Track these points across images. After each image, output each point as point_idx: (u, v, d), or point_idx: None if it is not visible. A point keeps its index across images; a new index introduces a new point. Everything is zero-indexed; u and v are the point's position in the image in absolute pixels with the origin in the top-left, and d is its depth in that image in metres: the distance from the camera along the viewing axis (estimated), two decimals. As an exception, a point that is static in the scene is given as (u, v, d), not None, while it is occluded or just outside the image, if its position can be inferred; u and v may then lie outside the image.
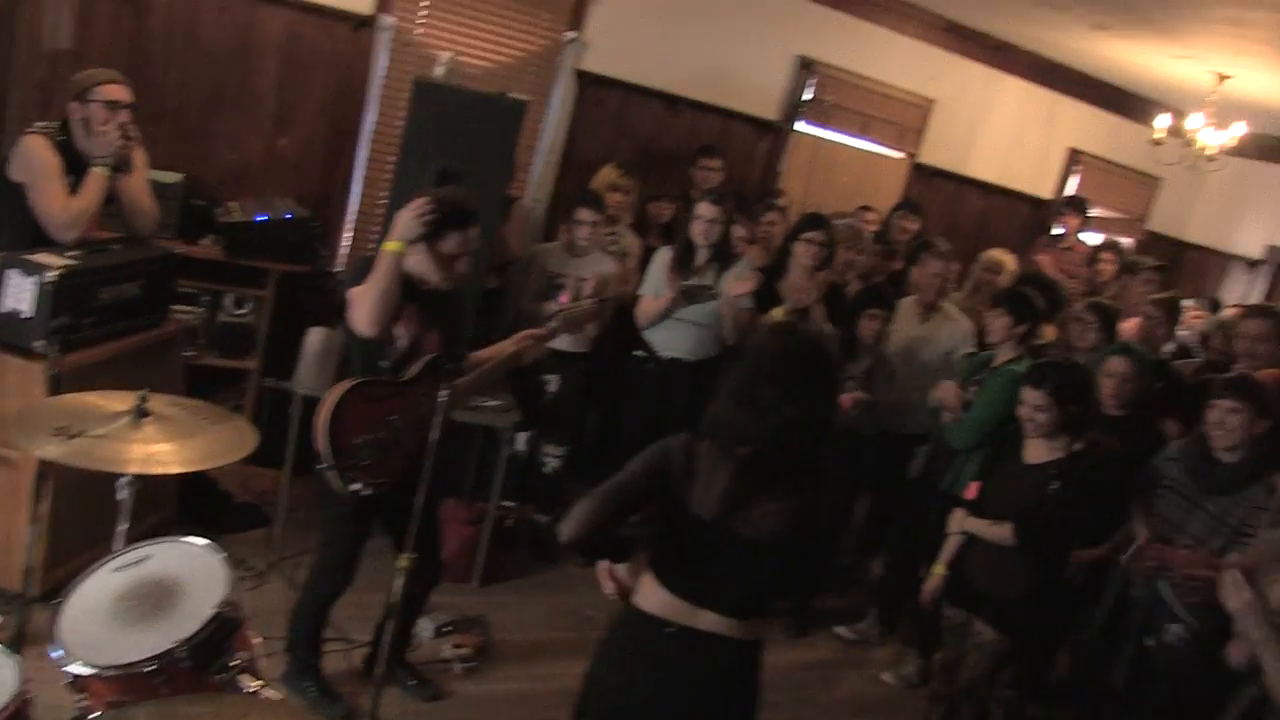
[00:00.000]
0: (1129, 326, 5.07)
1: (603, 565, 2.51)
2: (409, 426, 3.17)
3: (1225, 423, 3.48)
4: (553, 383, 4.93)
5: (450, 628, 4.12)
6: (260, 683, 2.11)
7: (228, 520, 4.46)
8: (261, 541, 4.42)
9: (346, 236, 5.37)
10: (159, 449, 2.29)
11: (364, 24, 5.14)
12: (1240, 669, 2.58)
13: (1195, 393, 4.17)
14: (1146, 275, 6.17)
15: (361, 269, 3.16)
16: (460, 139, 4.40)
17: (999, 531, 3.51)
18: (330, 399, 3.10)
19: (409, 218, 3.10)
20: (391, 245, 3.09)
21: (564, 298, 4.60)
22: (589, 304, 3.75)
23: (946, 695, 3.79)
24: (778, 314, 4.72)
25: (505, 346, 3.46)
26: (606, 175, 5.29)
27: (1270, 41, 4.84)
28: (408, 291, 3.16)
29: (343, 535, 3.38)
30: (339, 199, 5.33)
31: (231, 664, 2.16)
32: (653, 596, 2.41)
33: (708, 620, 2.37)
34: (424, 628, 4.03)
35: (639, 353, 4.88)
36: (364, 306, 3.08)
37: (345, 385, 3.13)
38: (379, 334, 3.11)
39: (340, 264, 5.33)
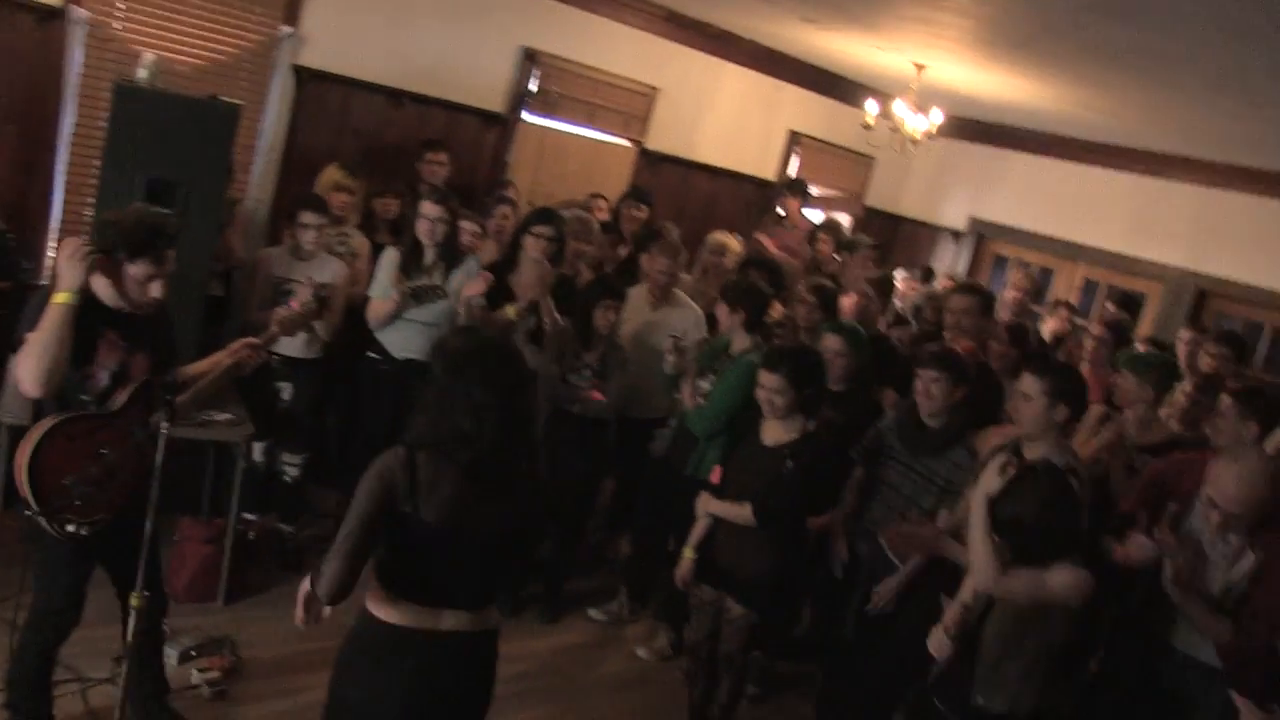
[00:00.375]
0: (848, 303, 5.46)
1: (302, 590, 2.51)
2: (124, 458, 3.03)
3: (929, 391, 3.84)
4: (286, 390, 4.83)
5: (195, 652, 3.99)
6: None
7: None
8: (-29, 584, 4.12)
9: (52, 247, 5.01)
10: None
11: (51, 16, 4.79)
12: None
13: (909, 363, 4.52)
14: (864, 254, 6.64)
15: (39, 309, 2.91)
16: (169, 146, 4.21)
17: (741, 512, 3.69)
18: (27, 443, 2.91)
19: (66, 262, 2.88)
20: (60, 297, 2.84)
21: (294, 303, 4.49)
22: (306, 306, 3.65)
23: (703, 668, 4.00)
24: (510, 311, 4.80)
25: (221, 359, 3.34)
26: (330, 176, 5.19)
27: (957, 38, 5.28)
28: (105, 318, 3.01)
29: (63, 575, 3.18)
30: (39, 208, 4.98)
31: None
32: (389, 608, 2.44)
33: (449, 620, 2.47)
34: (168, 655, 3.87)
35: (372, 354, 4.84)
36: (29, 365, 2.82)
37: (43, 426, 2.93)
38: (49, 394, 2.89)
39: (47, 277, 4.98)
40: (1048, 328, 6.47)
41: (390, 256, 4.77)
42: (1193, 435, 4.12)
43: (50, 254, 5.01)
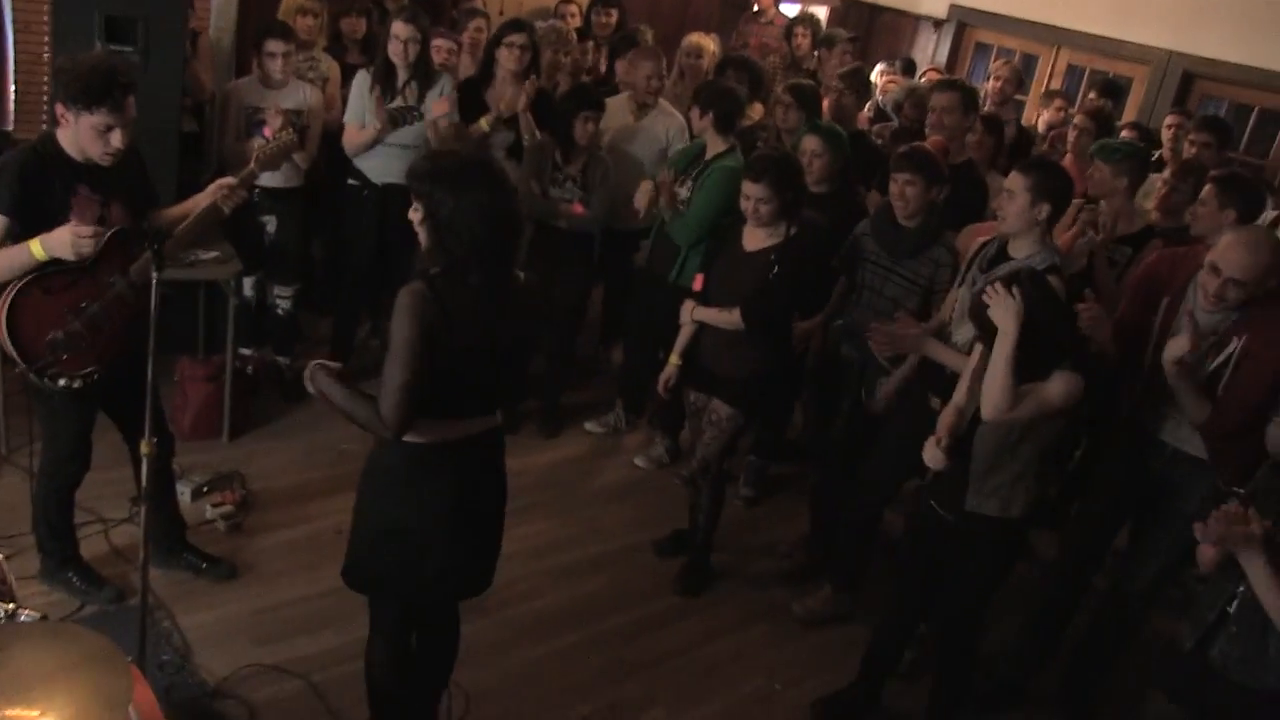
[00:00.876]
0: (826, 102, 5.36)
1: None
2: (107, 308, 3.07)
3: (905, 194, 3.82)
4: (270, 223, 4.80)
5: (206, 488, 4.13)
6: (11, 605, 2.11)
7: (-59, 420, 4.19)
8: (-16, 435, 4.21)
9: (12, 91, 4.86)
10: None
11: None
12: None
13: (888, 163, 4.48)
14: (842, 47, 6.47)
15: (15, 176, 2.90)
16: (123, -21, 4.05)
17: (728, 318, 3.76)
18: (3, 301, 2.93)
19: (72, 240, 2.88)
20: (35, 249, 2.89)
21: (267, 131, 4.42)
22: (285, 137, 3.52)
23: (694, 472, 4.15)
24: (484, 124, 4.73)
25: (199, 200, 3.26)
26: (292, 0, 4.99)
27: None
28: (73, 173, 2.98)
29: (65, 425, 3.27)
30: (-8, 50, 4.79)
31: (-21, 594, 2.15)
32: (418, 428, 2.51)
33: (467, 428, 2.61)
34: (180, 492, 3.99)
35: (353, 181, 4.79)
36: None
37: (16, 285, 2.94)
38: None
39: (10, 121, 4.85)
40: (1043, 119, 6.37)
41: (362, 80, 4.65)
42: (1172, 224, 4.14)
43: (11, 98, 4.86)
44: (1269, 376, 3.06)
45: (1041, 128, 6.19)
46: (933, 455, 3.04)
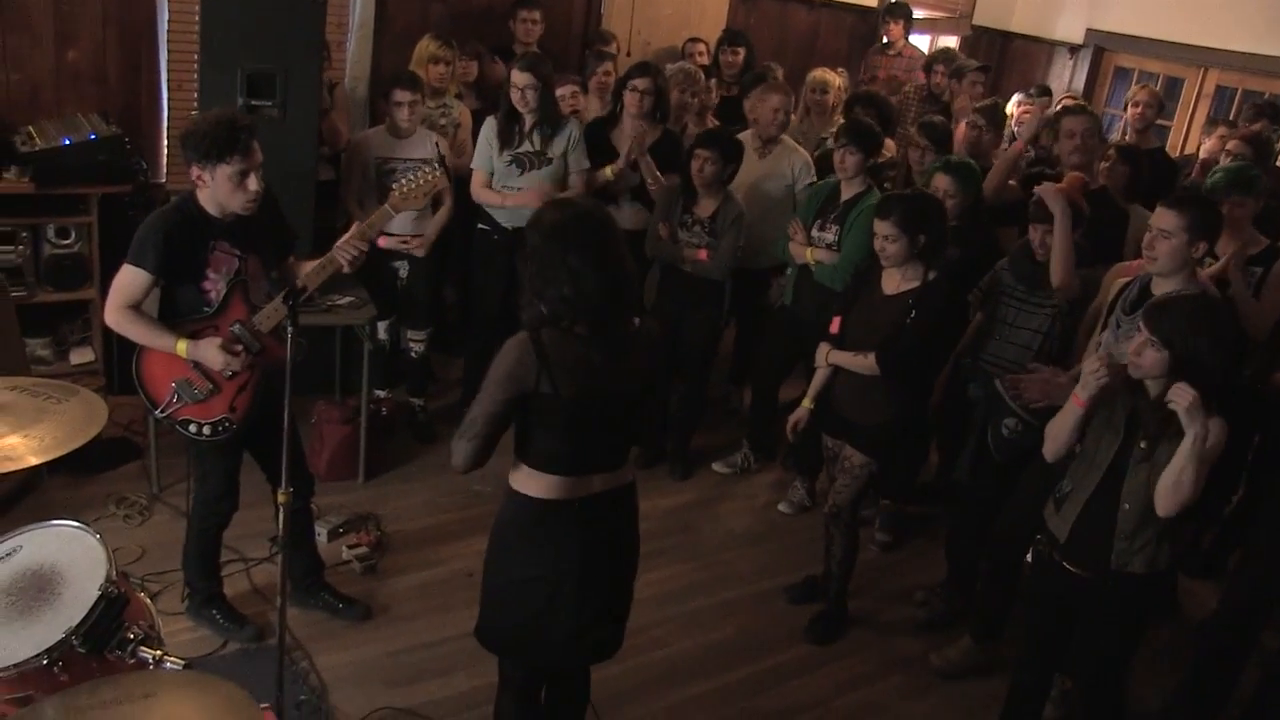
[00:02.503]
0: (959, 135, 5.22)
1: None
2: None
3: (1043, 240, 3.73)
4: (403, 268, 4.90)
5: (342, 529, 4.21)
6: (159, 651, 2.16)
7: (98, 459, 4.38)
8: (138, 474, 4.40)
9: (165, 145, 5.11)
10: (7, 443, 2.24)
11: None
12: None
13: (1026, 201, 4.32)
14: (972, 78, 6.32)
15: (146, 242, 3.05)
16: (262, 36, 4.25)
17: (863, 362, 3.67)
18: (135, 356, 3.15)
19: (220, 357, 3.09)
20: (181, 348, 3.09)
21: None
22: (427, 174, 3.46)
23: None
24: (608, 171, 4.76)
25: (332, 257, 3.31)
26: (425, 48, 5.11)
27: None
28: (212, 229, 3.11)
29: (214, 467, 3.40)
30: (149, 109, 5.07)
31: (129, 638, 2.21)
32: (539, 484, 2.52)
33: (597, 483, 2.57)
34: (318, 533, 4.09)
35: (483, 226, 4.86)
36: (122, 327, 3.11)
37: None
38: None
39: (165, 176, 5.10)
40: (1205, 148, 5.99)
41: (489, 127, 4.74)
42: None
43: (164, 153, 5.11)
44: None
45: (1204, 155, 5.84)
46: None
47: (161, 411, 3.22)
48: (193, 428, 3.22)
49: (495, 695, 2.86)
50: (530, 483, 2.54)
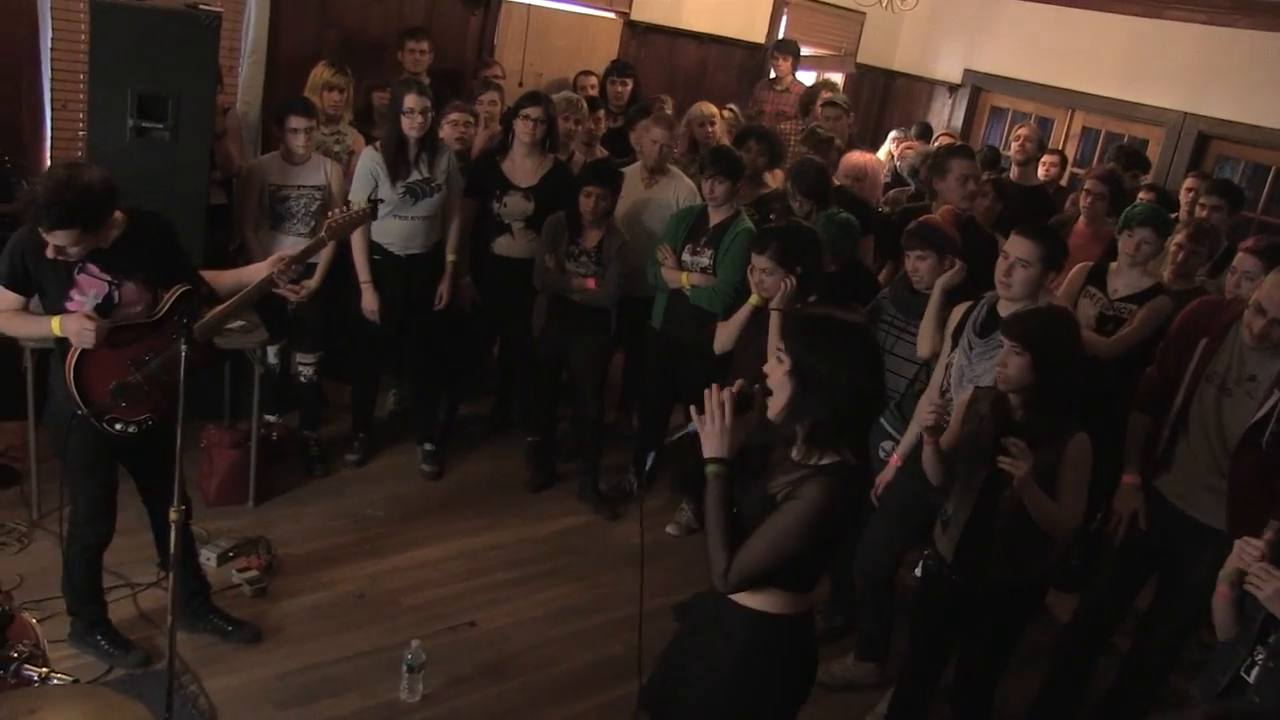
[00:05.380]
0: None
1: None
2: (168, 364, 3.20)
3: (918, 269, 3.88)
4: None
5: (233, 553, 4.18)
6: (46, 669, 2.16)
7: (-27, 485, 4.30)
8: (16, 500, 4.31)
9: (49, 165, 5.02)
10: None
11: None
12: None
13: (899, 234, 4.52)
14: (824, 112, 6.53)
15: (16, 255, 3.07)
16: (153, 59, 4.22)
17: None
18: (70, 355, 3.13)
19: (78, 330, 3.07)
20: (55, 326, 3.10)
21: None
22: (358, 210, 3.63)
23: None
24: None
25: (258, 270, 3.37)
26: (319, 75, 5.15)
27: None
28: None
29: (89, 485, 3.37)
30: (31, 127, 4.98)
31: (12, 656, 2.20)
32: (791, 602, 2.39)
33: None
34: (207, 557, 4.09)
35: (375, 256, 4.85)
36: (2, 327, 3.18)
37: None
38: None
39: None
40: (1040, 173, 6.51)
41: (369, 156, 4.73)
42: (1183, 286, 4.19)
43: (47, 173, 5.03)
44: None
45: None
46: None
47: (94, 411, 3.20)
48: (119, 426, 3.24)
49: None
50: (784, 604, 2.38)
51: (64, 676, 2.17)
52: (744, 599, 2.37)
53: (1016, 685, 3.77)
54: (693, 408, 2.36)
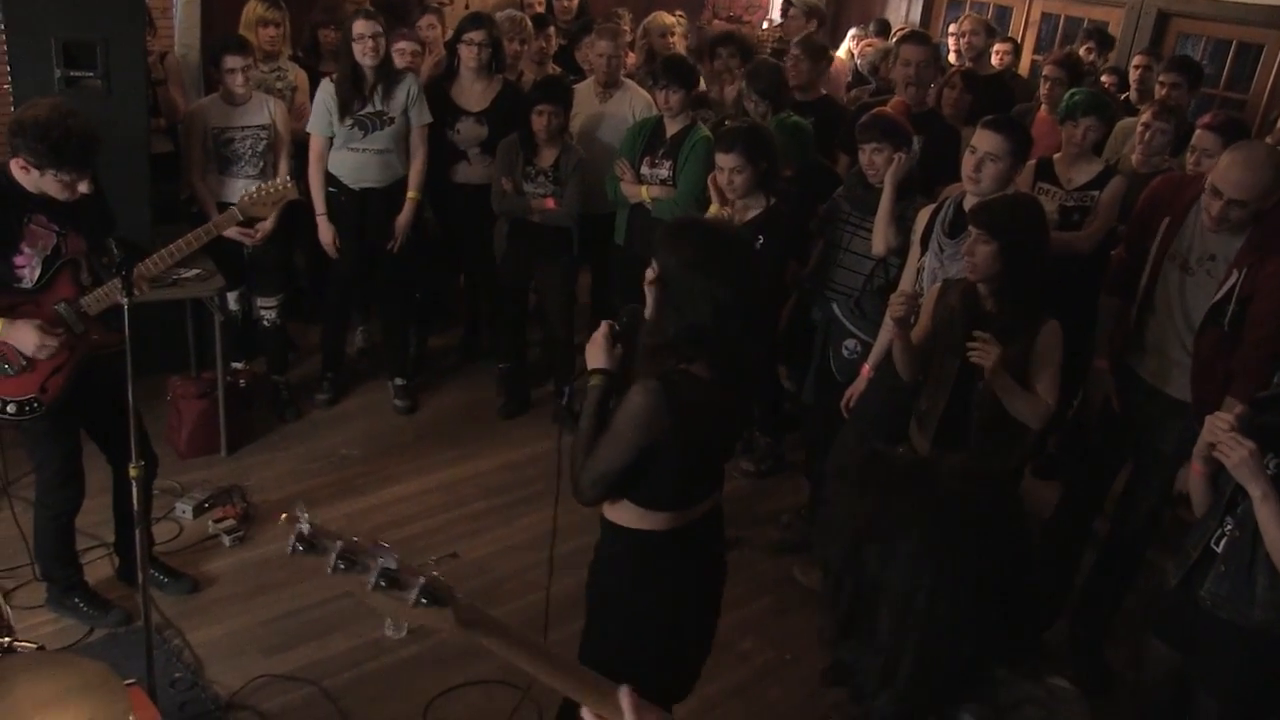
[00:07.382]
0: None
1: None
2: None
3: (872, 161, 3.83)
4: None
5: (209, 503, 4.16)
6: (9, 639, 2.13)
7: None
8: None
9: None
10: None
11: None
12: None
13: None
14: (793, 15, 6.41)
15: None
16: (75, 3, 4.06)
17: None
18: None
19: (36, 344, 3.01)
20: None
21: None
22: (279, 186, 3.67)
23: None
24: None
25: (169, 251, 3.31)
26: (252, 11, 4.98)
27: None
28: (27, 203, 3.01)
29: (51, 452, 3.31)
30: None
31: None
32: (650, 519, 2.37)
33: (701, 508, 2.45)
34: (182, 510, 4.06)
35: (330, 189, 4.75)
36: None
37: None
38: None
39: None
40: (994, 61, 6.36)
41: (326, 89, 4.61)
42: (1150, 168, 4.16)
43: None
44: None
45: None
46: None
47: None
48: (10, 407, 3.13)
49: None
50: (639, 519, 2.38)
51: (29, 644, 2.13)
52: (607, 512, 2.40)
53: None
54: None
